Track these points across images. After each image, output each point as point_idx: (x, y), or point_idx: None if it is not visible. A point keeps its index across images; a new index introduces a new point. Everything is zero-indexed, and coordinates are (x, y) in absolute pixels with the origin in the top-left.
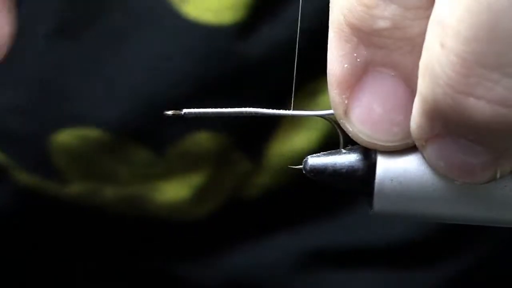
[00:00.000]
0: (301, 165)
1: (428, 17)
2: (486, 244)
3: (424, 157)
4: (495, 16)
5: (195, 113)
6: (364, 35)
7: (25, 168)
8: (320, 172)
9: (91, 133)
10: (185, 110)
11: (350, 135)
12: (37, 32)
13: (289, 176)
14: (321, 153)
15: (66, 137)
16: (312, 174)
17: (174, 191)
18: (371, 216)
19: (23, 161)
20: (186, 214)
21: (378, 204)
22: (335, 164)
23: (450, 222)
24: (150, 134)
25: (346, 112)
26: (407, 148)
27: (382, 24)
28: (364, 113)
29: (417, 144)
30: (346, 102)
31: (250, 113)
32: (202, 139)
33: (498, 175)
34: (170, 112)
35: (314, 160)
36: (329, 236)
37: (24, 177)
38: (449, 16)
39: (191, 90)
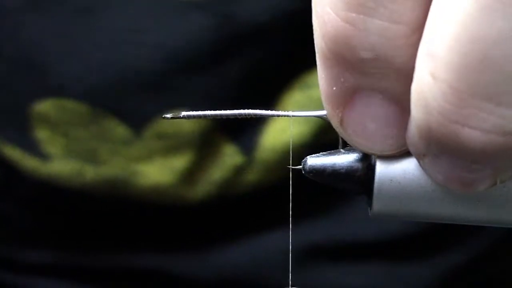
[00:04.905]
0: (300, 165)
1: (412, 45)
2: (482, 238)
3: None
4: (485, 47)
5: (194, 115)
6: (348, 63)
7: (6, 139)
8: (320, 172)
9: (68, 104)
10: (183, 113)
11: (347, 141)
12: (8, 6)
13: (283, 171)
14: (320, 153)
15: (45, 106)
16: (311, 174)
17: (156, 174)
18: (368, 213)
19: (4, 132)
20: (172, 201)
21: (377, 204)
22: (334, 164)
23: (449, 222)
24: (125, 110)
25: (341, 124)
26: (406, 151)
27: (364, 55)
28: (358, 128)
29: (414, 157)
30: (340, 115)
31: (249, 114)
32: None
33: (498, 183)
34: (169, 115)
35: (313, 161)
36: (325, 231)
37: (8, 151)
38: (439, 47)
39: (164, 64)
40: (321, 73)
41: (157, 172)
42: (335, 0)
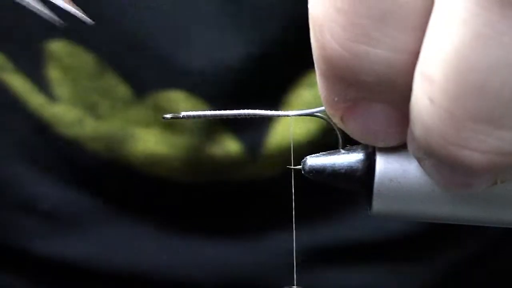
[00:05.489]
0: (300, 165)
1: (414, 70)
2: (483, 238)
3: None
4: (483, 75)
5: (193, 115)
6: (349, 83)
7: (20, 68)
8: (319, 172)
9: (77, 50)
10: (183, 113)
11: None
12: None
13: (286, 170)
14: (320, 153)
15: (58, 46)
16: (311, 174)
17: (153, 142)
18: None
19: (19, 61)
20: (167, 175)
21: (377, 204)
22: (334, 164)
23: (449, 222)
24: (130, 71)
25: (342, 122)
26: (407, 149)
27: (366, 78)
28: (360, 127)
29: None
30: (340, 115)
31: (249, 114)
32: (178, 97)
33: (498, 183)
34: (169, 116)
35: (313, 161)
36: (328, 232)
37: (17, 84)
38: (436, 74)
39: (169, 30)
40: (322, 85)
41: (154, 141)
42: (336, 29)
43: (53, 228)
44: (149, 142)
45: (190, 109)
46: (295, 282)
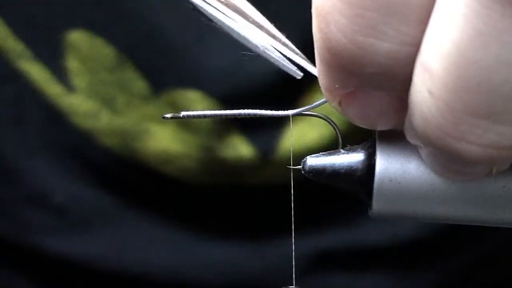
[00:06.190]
0: (300, 165)
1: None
2: (488, 241)
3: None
4: (483, 72)
5: (193, 115)
6: (352, 73)
7: (39, 56)
8: (319, 172)
9: (97, 41)
10: (183, 113)
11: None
12: None
13: (298, 175)
14: (320, 153)
15: (77, 36)
16: (311, 174)
17: (167, 140)
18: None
19: (38, 50)
20: (178, 174)
21: (377, 204)
22: (334, 164)
23: (449, 222)
24: (149, 67)
25: (340, 106)
26: (406, 149)
27: (369, 69)
28: (358, 113)
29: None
30: (339, 101)
31: (249, 114)
32: (194, 97)
33: (494, 172)
34: (169, 115)
35: (313, 161)
36: (336, 237)
37: (34, 72)
38: (436, 67)
39: (189, 30)
40: (322, 72)
41: (168, 138)
42: (341, 20)
43: (63, 225)
44: (162, 139)
45: (205, 109)
46: (293, 282)
